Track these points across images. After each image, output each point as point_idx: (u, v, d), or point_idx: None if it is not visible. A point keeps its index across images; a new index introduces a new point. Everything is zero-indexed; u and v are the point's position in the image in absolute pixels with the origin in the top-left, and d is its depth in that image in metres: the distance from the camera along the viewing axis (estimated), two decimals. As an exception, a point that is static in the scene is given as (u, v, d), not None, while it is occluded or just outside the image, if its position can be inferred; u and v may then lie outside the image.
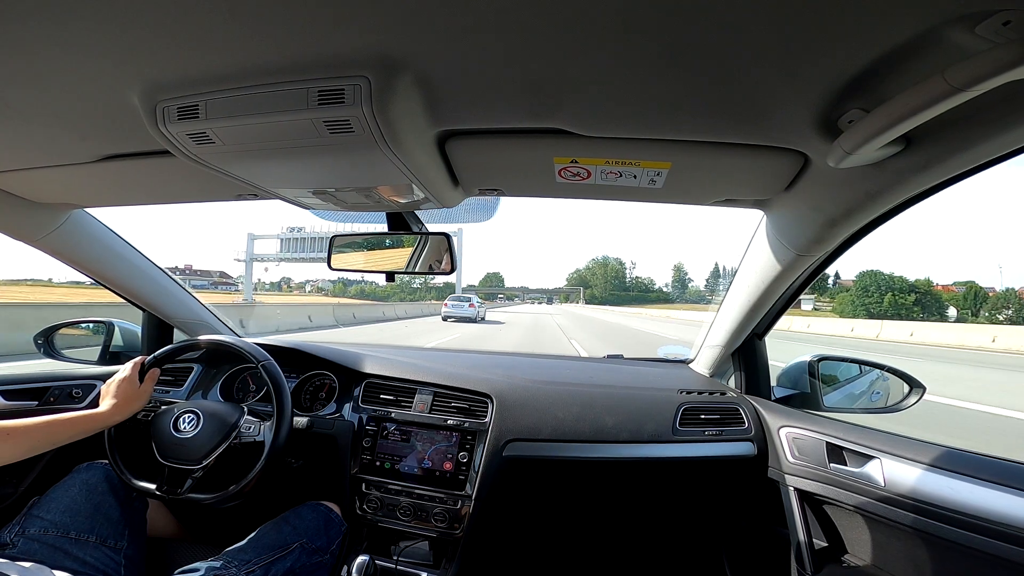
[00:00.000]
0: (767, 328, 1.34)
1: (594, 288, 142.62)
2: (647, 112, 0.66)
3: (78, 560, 0.88)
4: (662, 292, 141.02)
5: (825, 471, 1.06)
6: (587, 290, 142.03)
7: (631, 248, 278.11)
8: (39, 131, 0.79)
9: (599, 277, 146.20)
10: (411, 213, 1.09)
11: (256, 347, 1.19)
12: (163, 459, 1.04)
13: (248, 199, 1.07)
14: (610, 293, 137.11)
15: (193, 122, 0.65)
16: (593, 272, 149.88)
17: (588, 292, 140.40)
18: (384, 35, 0.53)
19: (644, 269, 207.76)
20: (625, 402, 1.31)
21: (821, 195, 0.82)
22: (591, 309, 69.34)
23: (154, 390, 1.14)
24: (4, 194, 1.07)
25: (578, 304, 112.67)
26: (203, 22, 0.51)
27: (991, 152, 0.62)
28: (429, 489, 1.21)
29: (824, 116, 0.63)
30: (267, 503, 1.23)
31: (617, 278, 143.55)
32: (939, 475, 0.87)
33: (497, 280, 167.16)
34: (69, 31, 0.53)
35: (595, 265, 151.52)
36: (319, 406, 1.36)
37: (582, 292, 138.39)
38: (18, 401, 1.29)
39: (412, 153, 0.73)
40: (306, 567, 1.01)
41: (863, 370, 1.38)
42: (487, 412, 1.25)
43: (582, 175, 0.86)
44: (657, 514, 1.50)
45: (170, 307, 1.55)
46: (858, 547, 1.05)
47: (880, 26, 0.47)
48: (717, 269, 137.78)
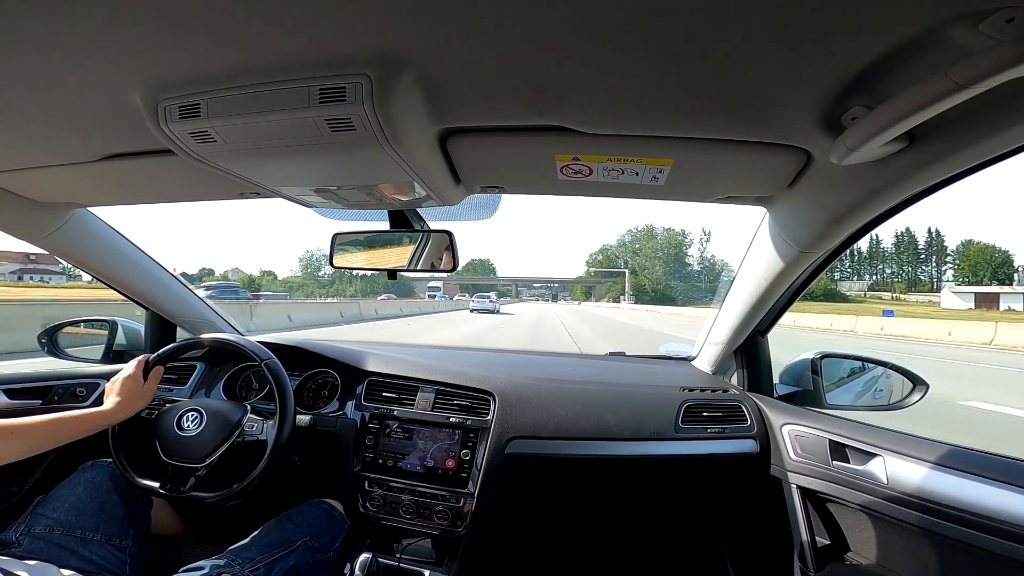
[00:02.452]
0: (770, 325, 1.33)
1: (641, 275, 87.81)
2: (649, 109, 0.66)
3: (83, 558, 0.88)
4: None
5: (828, 469, 1.06)
6: (632, 277, 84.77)
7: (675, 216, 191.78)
8: (42, 131, 0.79)
9: (649, 257, 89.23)
10: (413, 211, 1.09)
11: (259, 345, 1.19)
12: (167, 457, 1.04)
13: (250, 198, 1.08)
14: (666, 285, 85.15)
15: (195, 121, 0.65)
16: (632, 249, 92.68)
17: (635, 280, 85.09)
18: (385, 33, 0.53)
19: (722, 244, 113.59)
20: (627, 400, 1.31)
21: (824, 192, 0.82)
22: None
23: (157, 388, 1.14)
24: (7, 193, 1.07)
25: (621, 304, 63.40)
26: (204, 21, 0.51)
27: (995, 149, 0.61)
28: (431, 487, 1.21)
29: (827, 113, 0.63)
30: (270, 501, 1.24)
31: (677, 259, 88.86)
32: (943, 473, 0.87)
33: (486, 270, 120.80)
34: (71, 31, 0.53)
35: (636, 239, 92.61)
36: (322, 404, 1.36)
37: (627, 282, 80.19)
38: (22, 400, 1.29)
39: (413, 151, 0.72)
40: (309, 565, 1.01)
41: (866, 367, 1.38)
42: (489, 410, 1.25)
43: (584, 172, 0.86)
44: (659, 512, 1.50)
45: (173, 305, 1.56)
46: (861, 545, 1.05)
47: (884, 23, 0.47)
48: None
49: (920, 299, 70.10)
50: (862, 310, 39.34)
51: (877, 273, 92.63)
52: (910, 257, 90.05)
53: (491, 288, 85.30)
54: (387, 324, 15.76)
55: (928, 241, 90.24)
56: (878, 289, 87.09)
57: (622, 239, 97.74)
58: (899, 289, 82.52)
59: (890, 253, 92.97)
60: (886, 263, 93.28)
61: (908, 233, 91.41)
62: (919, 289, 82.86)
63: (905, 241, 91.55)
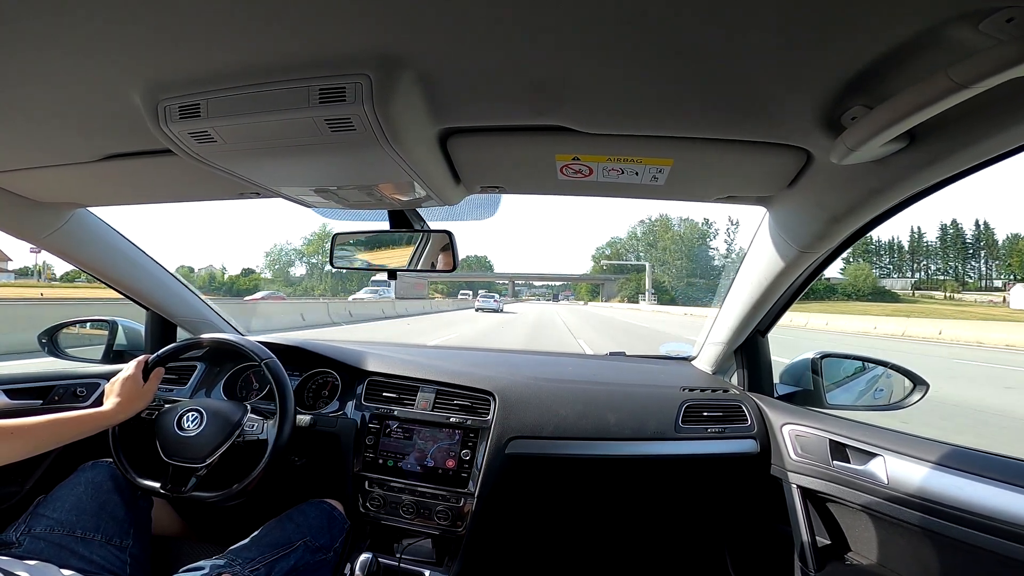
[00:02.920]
0: (770, 325, 1.34)
1: (661, 270, 73.25)
2: (650, 109, 0.66)
3: (84, 559, 0.88)
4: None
5: (828, 468, 1.06)
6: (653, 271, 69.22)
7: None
8: (42, 131, 0.79)
9: (670, 251, 74.14)
10: (413, 211, 1.09)
11: (259, 345, 1.19)
12: (167, 457, 1.05)
13: (250, 198, 1.08)
14: (687, 283, 69.09)
15: (195, 121, 0.65)
16: (647, 242, 78.81)
17: (660, 275, 71.15)
18: (385, 33, 0.53)
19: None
20: (627, 399, 1.31)
21: (824, 192, 0.82)
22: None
23: (157, 388, 1.14)
24: (7, 194, 1.08)
25: (641, 305, 49.97)
26: (204, 21, 0.51)
27: (995, 149, 0.61)
28: (432, 487, 1.21)
29: (827, 113, 0.63)
30: (270, 501, 1.24)
31: (701, 252, 74.50)
32: (943, 473, 0.87)
33: (483, 266, 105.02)
34: (71, 31, 0.53)
35: (651, 230, 78.22)
36: (322, 404, 1.36)
37: (648, 277, 64.19)
38: (22, 400, 1.29)
39: (413, 151, 0.73)
40: (309, 565, 1.01)
41: (866, 367, 1.38)
42: (489, 410, 1.25)
43: (584, 172, 0.86)
44: (660, 511, 1.50)
45: (173, 306, 1.56)
46: (861, 545, 1.05)
47: (884, 23, 0.47)
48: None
49: (979, 299, 61.64)
50: (923, 311, 34.48)
51: (920, 270, 79.70)
52: (959, 252, 77.46)
53: (487, 286, 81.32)
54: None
55: (976, 235, 77.96)
56: (924, 287, 74.47)
57: (633, 231, 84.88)
58: (950, 288, 70.45)
59: (934, 248, 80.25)
60: (930, 259, 79.97)
61: (955, 225, 79.77)
62: (970, 287, 72.28)
63: (951, 234, 79.41)
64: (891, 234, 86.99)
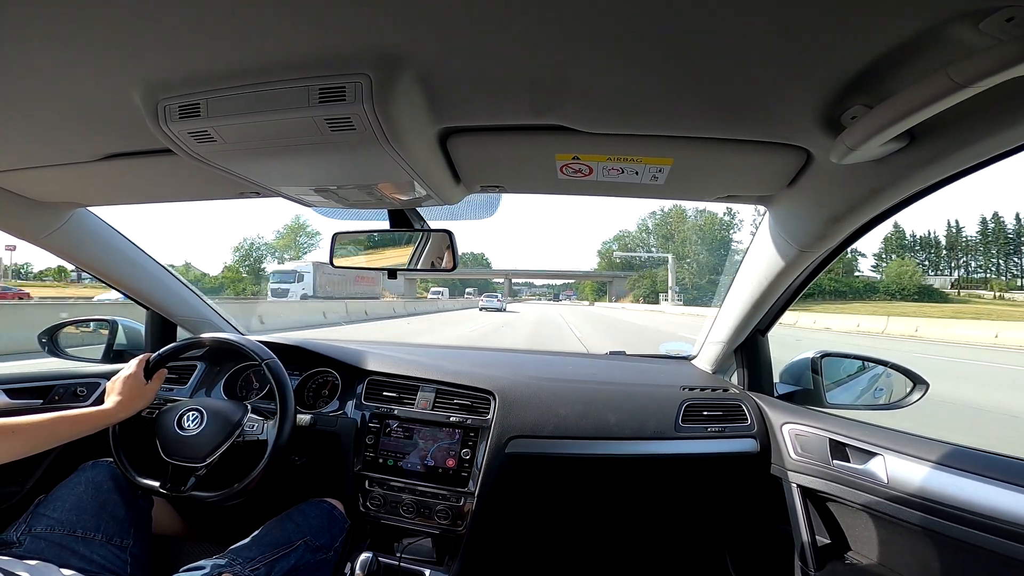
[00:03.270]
0: (770, 324, 1.34)
1: (683, 264, 62.12)
2: (649, 108, 0.66)
3: (84, 558, 0.89)
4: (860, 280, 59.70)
5: (828, 468, 1.06)
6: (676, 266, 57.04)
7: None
8: (42, 130, 0.79)
9: (691, 243, 64.14)
10: (413, 210, 1.09)
11: (259, 345, 1.19)
12: (167, 457, 1.05)
13: (250, 197, 1.08)
14: (709, 279, 57.39)
15: (195, 120, 0.65)
16: (662, 234, 69.29)
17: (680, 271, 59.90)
18: (385, 33, 0.53)
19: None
20: (627, 399, 1.31)
21: (824, 191, 0.82)
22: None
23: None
24: (7, 193, 1.07)
25: (663, 306, 42.29)
26: (204, 21, 0.51)
27: (995, 148, 0.61)
28: (432, 486, 1.21)
29: (827, 112, 0.63)
30: (271, 501, 1.24)
31: (724, 245, 62.82)
32: (943, 472, 0.87)
33: (479, 264, 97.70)
34: (71, 31, 0.53)
35: (665, 221, 68.61)
36: (322, 403, 1.36)
37: (670, 272, 54.29)
38: (23, 399, 1.29)
39: (413, 150, 0.73)
40: (310, 564, 1.02)
41: (866, 366, 1.38)
42: (489, 409, 1.25)
43: (584, 172, 0.86)
44: (660, 511, 1.50)
45: (173, 305, 1.56)
46: (861, 544, 1.05)
47: (884, 22, 0.47)
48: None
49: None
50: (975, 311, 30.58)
51: (960, 267, 71.62)
52: (1003, 248, 68.84)
53: (483, 284, 78.91)
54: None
55: (1017, 229, 69.00)
56: (967, 286, 66.27)
57: (643, 223, 75.25)
58: (998, 286, 62.68)
59: (974, 243, 71.64)
60: (970, 255, 71.55)
61: (996, 219, 70.53)
62: (1010, 286, 63.15)
63: (993, 228, 70.67)
64: (926, 228, 78.53)
